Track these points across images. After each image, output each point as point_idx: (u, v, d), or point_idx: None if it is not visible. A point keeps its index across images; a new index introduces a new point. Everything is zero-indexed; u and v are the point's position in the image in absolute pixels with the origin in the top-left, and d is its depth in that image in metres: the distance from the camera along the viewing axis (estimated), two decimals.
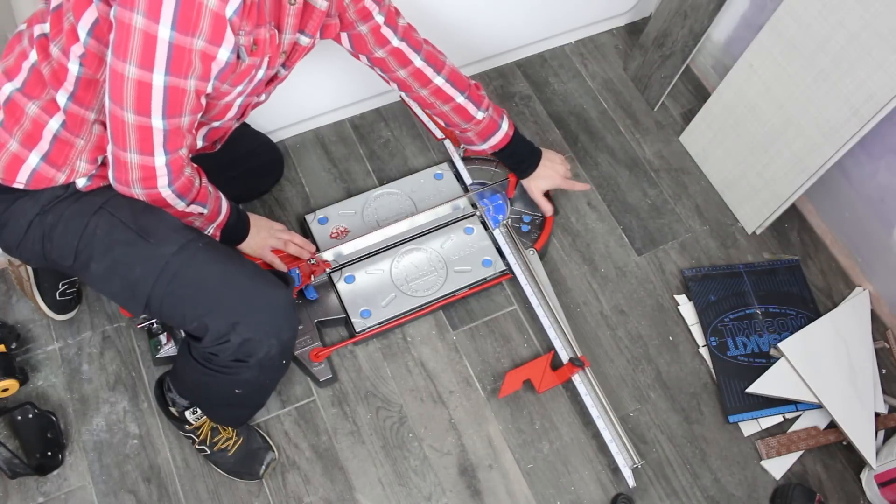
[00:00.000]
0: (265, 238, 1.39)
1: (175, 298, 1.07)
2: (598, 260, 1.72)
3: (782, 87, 1.58)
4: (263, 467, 1.39)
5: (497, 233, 1.65)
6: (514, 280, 1.62)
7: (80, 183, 1.11)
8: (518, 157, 1.58)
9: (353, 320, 1.52)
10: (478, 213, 1.69)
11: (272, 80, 1.22)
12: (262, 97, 1.25)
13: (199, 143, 1.24)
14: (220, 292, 1.08)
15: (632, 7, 2.03)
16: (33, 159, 1.07)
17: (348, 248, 1.57)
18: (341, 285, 1.56)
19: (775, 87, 1.59)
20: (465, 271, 1.61)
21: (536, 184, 1.61)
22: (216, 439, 1.37)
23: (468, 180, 1.72)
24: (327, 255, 1.55)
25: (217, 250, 1.12)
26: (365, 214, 1.66)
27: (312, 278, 1.51)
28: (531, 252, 1.62)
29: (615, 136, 1.90)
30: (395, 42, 1.35)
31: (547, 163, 1.60)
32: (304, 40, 1.17)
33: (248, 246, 1.36)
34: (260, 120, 1.66)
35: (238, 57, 1.02)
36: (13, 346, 1.43)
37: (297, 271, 1.46)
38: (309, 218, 1.64)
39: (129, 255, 1.06)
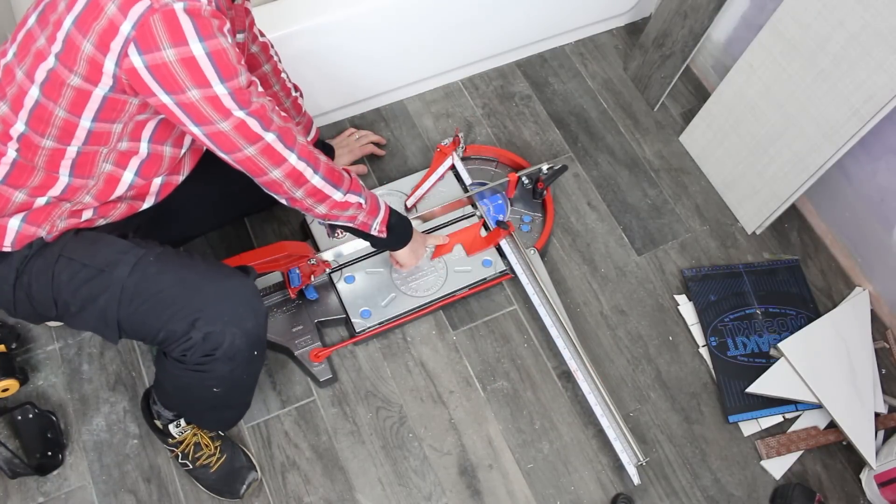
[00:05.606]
0: (420, 246, 1.51)
1: (140, 315, 1.10)
2: (598, 260, 1.72)
3: (782, 87, 1.58)
4: (245, 486, 1.38)
5: None
6: (513, 280, 1.62)
7: (44, 234, 1.11)
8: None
9: (353, 320, 1.52)
10: (478, 213, 1.69)
11: None
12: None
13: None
14: (177, 296, 1.10)
15: (632, 7, 2.03)
16: (14, 223, 1.09)
17: (348, 248, 1.57)
18: (341, 285, 1.56)
19: (775, 87, 1.59)
20: (465, 271, 1.60)
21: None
22: (199, 455, 1.36)
23: (468, 180, 1.72)
24: (327, 255, 1.55)
25: (168, 258, 1.14)
26: None
27: (312, 278, 1.51)
28: (532, 252, 1.62)
29: (615, 136, 1.90)
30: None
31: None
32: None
33: (406, 253, 1.47)
34: None
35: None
36: (13, 346, 1.43)
37: (297, 271, 1.46)
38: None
39: (92, 289, 1.10)
